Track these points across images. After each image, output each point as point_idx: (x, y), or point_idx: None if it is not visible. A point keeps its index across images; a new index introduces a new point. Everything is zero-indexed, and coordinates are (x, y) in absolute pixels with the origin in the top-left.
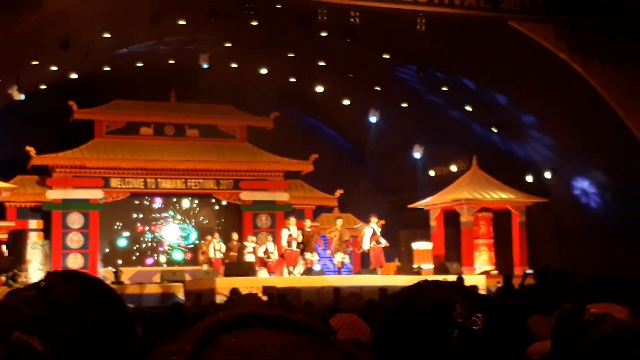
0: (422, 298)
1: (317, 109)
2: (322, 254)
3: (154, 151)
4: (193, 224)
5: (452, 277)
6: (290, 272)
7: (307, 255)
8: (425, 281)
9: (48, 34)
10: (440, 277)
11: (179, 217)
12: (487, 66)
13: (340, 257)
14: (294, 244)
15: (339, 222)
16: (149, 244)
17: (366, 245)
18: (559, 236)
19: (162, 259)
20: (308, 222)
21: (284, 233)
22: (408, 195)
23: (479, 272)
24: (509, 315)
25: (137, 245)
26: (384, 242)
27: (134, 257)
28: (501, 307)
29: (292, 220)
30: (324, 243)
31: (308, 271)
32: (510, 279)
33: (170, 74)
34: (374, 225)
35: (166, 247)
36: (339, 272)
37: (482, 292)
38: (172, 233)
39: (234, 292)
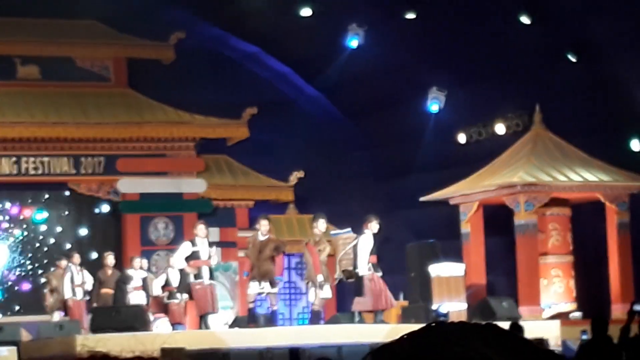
0: (439, 357)
1: (254, 25)
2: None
3: None
4: (37, 238)
5: (502, 324)
6: (205, 324)
7: (252, 286)
8: (445, 325)
9: None
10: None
11: (5, 226)
12: None
13: (327, 292)
14: (205, 271)
15: (322, 223)
16: None
17: (363, 270)
18: None
19: None
20: (264, 224)
21: (183, 248)
22: (418, 179)
23: (550, 314)
24: None
25: None
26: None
27: None
28: None
29: (200, 227)
30: (287, 266)
31: (245, 318)
32: (604, 326)
33: None
34: (369, 235)
35: None
36: (314, 318)
37: (554, 348)
38: None
39: None
